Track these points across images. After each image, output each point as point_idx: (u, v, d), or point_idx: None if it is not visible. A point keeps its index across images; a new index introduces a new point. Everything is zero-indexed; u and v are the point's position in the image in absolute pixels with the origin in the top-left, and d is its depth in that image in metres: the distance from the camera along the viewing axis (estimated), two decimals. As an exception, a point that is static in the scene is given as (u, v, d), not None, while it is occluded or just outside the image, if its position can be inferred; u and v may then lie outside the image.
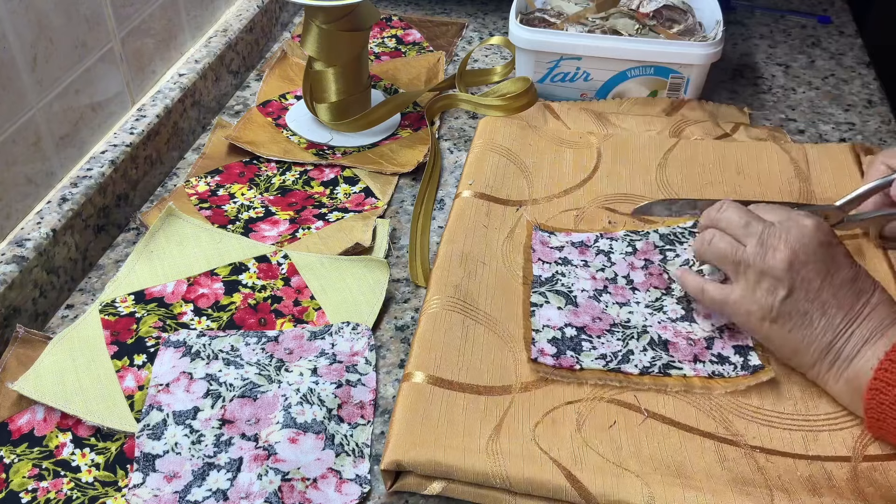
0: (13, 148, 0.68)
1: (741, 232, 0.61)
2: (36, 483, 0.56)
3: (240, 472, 0.56)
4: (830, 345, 0.58)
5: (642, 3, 0.97)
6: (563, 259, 0.71)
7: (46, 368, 0.62)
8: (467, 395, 0.60)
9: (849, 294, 0.58)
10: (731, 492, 0.54)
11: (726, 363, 0.62)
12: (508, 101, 0.88)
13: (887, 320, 0.57)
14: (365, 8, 0.84)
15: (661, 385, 0.61)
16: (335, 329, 0.67)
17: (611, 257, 0.71)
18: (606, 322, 0.65)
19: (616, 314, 0.66)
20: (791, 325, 0.59)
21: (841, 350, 0.58)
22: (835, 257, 0.59)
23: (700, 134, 0.86)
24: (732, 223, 0.62)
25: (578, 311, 0.66)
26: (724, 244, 0.62)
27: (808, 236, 0.59)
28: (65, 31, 0.72)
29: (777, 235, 0.59)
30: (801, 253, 0.58)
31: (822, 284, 0.58)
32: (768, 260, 0.59)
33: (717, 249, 0.62)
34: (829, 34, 1.11)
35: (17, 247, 0.66)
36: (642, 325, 0.65)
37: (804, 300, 0.58)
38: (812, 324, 0.58)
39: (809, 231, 0.59)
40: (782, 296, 0.58)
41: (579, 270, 0.70)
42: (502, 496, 0.55)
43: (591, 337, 0.64)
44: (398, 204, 0.81)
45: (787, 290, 0.58)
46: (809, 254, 0.58)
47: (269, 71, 0.99)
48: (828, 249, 0.59)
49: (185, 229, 0.75)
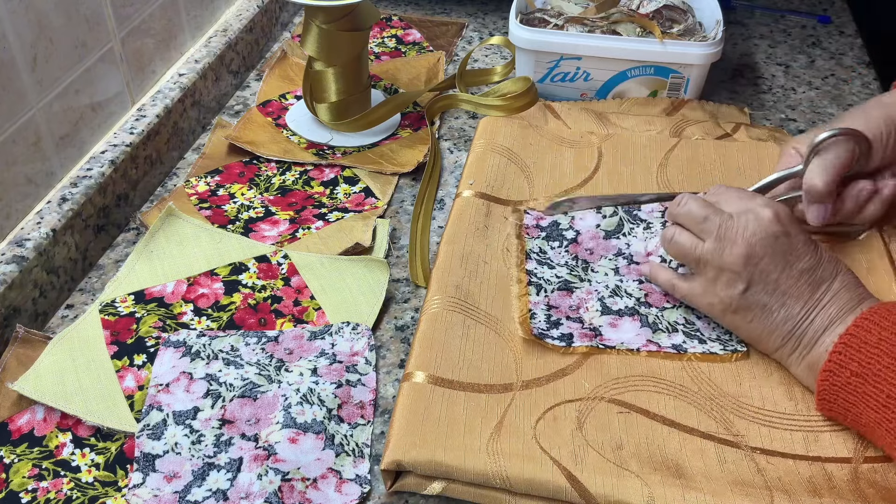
0: (13, 148, 0.68)
1: (700, 227, 0.62)
2: (36, 483, 0.56)
3: (240, 472, 0.56)
4: (790, 333, 0.60)
5: (642, 3, 0.97)
6: (548, 234, 0.73)
7: (46, 368, 0.62)
8: (468, 394, 0.60)
9: (808, 283, 0.59)
10: (731, 492, 0.54)
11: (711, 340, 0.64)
12: (509, 101, 0.88)
13: (847, 306, 0.58)
14: (365, 8, 0.84)
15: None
16: (335, 329, 0.67)
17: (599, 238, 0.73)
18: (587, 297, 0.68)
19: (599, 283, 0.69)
20: (752, 317, 0.61)
21: (801, 337, 0.59)
22: (793, 247, 0.60)
23: (700, 134, 0.86)
24: (692, 218, 0.63)
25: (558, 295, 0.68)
26: (684, 240, 0.63)
27: (765, 229, 0.60)
28: (65, 31, 0.72)
29: (734, 229, 0.60)
30: (758, 246, 0.60)
31: (780, 276, 0.59)
32: (725, 256, 0.60)
33: (678, 245, 0.64)
34: (829, 34, 1.11)
35: (17, 247, 0.66)
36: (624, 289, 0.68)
37: (762, 292, 0.60)
38: (772, 314, 0.60)
39: (766, 223, 0.60)
40: (741, 289, 0.60)
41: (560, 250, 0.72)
42: (502, 496, 0.55)
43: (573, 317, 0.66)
44: (398, 204, 0.81)
45: (746, 284, 0.60)
46: (766, 247, 0.59)
47: (269, 71, 0.99)
48: (786, 240, 0.60)
49: (185, 229, 0.75)
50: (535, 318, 0.65)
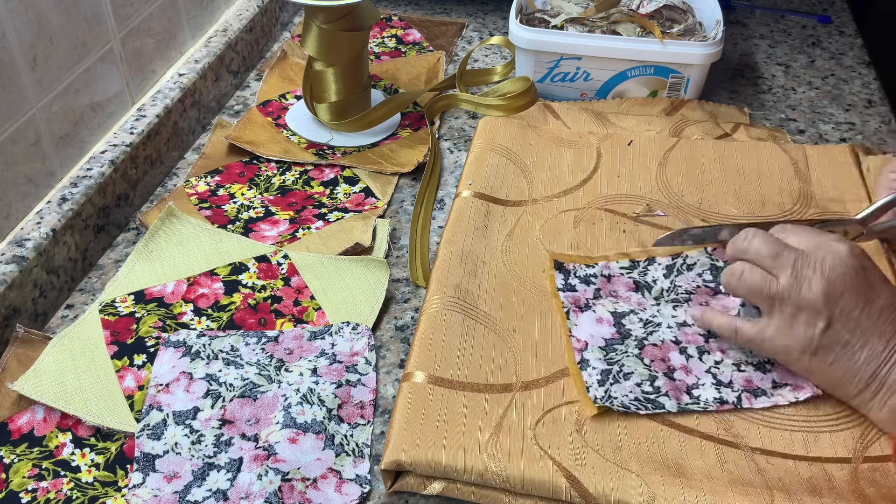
0: (13, 148, 0.68)
1: (772, 263, 0.58)
2: (36, 483, 0.56)
3: (240, 472, 0.56)
4: (874, 374, 0.56)
5: (642, 3, 0.97)
6: (594, 295, 0.68)
7: (46, 368, 0.62)
8: (468, 394, 0.60)
9: (889, 321, 0.56)
10: (731, 492, 0.54)
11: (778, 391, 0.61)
12: (508, 100, 0.88)
13: None
14: (365, 8, 0.84)
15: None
16: (335, 329, 0.67)
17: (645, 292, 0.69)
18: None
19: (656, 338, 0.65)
20: (832, 358, 0.57)
21: (885, 379, 0.56)
22: (872, 284, 0.57)
23: (700, 134, 0.86)
24: (761, 254, 0.59)
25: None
26: (755, 278, 0.59)
27: (843, 264, 0.57)
28: (65, 30, 0.72)
29: (810, 266, 0.57)
30: (837, 283, 0.56)
31: (861, 313, 0.56)
32: (804, 293, 0.57)
33: (748, 283, 0.59)
34: (829, 34, 1.11)
35: (17, 247, 0.66)
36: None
37: (844, 331, 0.56)
38: (854, 354, 0.56)
39: (843, 258, 0.57)
40: (821, 328, 0.57)
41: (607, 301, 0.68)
42: (502, 496, 0.55)
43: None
44: (398, 204, 0.81)
45: (826, 322, 0.56)
46: (846, 283, 0.56)
47: (269, 71, 0.99)
48: (864, 276, 0.57)
49: (185, 229, 0.75)
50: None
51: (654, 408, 0.59)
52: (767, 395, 0.60)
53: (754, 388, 0.61)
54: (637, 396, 0.60)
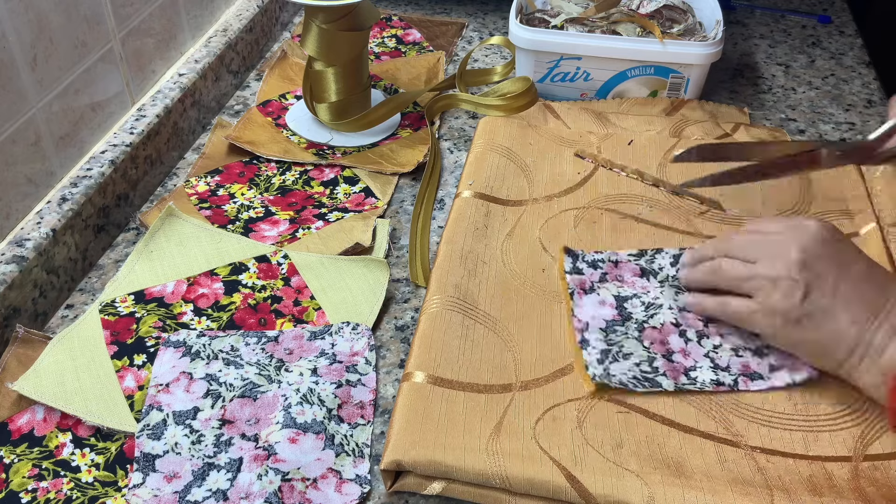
0: (13, 148, 0.68)
1: (749, 254, 0.62)
2: (36, 483, 0.56)
3: (240, 472, 0.56)
4: (859, 338, 0.57)
5: (642, 3, 0.97)
6: (600, 279, 0.69)
7: (46, 368, 0.62)
8: (467, 394, 0.60)
9: (868, 286, 0.58)
10: (731, 492, 0.54)
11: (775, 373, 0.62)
12: (509, 100, 0.88)
13: None
14: (365, 8, 0.84)
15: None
16: (335, 329, 0.67)
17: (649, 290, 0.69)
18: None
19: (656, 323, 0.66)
20: (815, 324, 0.58)
21: (871, 341, 0.57)
22: (845, 251, 0.60)
23: (700, 134, 0.86)
24: (739, 248, 0.63)
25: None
26: (733, 265, 0.62)
27: (814, 236, 0.60)
28: (65, 30, 0.72)
29: (784, 243, 0.60)
30: (810, 250, 0.59)
31: (837, 279, 0.58)
32: (780, 266, 0.59)
33: (729, 274, 0.62)
34: (829, 34, 1.11)
35: (17, 247, 0.66)
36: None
37: (823, 297, 0.58)
38: (836, 319, 0.58)
39: (815, 230, 0.60)
40: (800, 296, 0.58)
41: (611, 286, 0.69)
42: (502, 496, 0.55)
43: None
44: (398, 204, 0.81)
45: (805, 290, 0.58)
46: (819, 250, 0.59)
47: (269, 71, 0.99)
48: (837, 245, 0.60)
49: (185, 229, 0.75)
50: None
51: (650, 386, 0.60)
52: (764, 379, 0.61)
53: (751, 371, 0.62)
54: (635, 375, 0.61)
